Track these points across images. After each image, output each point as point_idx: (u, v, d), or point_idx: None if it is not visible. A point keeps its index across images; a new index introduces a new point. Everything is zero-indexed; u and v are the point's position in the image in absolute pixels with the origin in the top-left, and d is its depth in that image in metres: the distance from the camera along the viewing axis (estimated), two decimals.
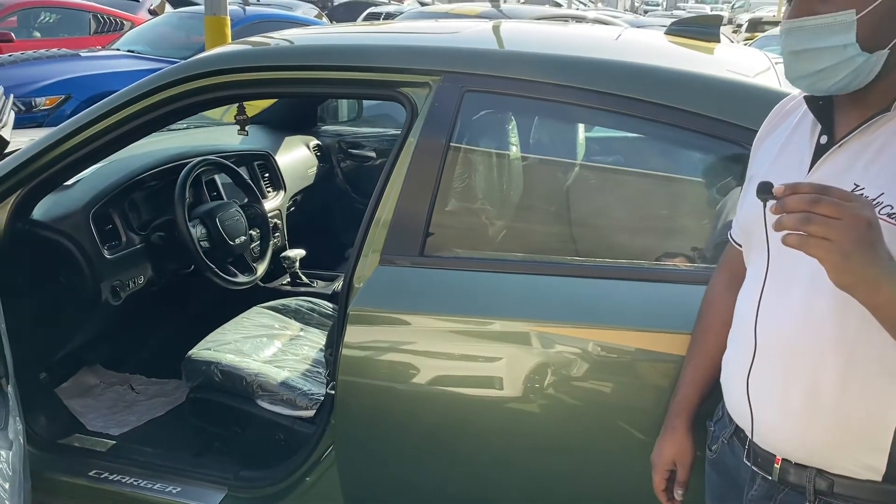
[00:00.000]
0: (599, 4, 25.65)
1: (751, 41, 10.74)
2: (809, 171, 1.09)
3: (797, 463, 1.11)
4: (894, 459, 1.04)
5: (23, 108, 5.88)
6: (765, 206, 0.93)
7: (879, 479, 1.05)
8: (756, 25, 16.11)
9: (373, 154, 3.65)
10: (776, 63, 1.91)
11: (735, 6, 34.93)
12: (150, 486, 2.02)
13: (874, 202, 0.98)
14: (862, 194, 1.00)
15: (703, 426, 1.36)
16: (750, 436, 1.15)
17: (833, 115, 1.10)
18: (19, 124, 5.15)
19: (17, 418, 1.75)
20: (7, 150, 2.10)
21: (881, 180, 1.00)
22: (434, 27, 2.39)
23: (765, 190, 0.92)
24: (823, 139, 1.09)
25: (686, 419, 1.38)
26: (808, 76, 1.06)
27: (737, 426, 1.21)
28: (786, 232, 0.89)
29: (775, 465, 1.13)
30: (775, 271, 1.10)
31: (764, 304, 1.11)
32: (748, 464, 1.18)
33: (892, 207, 0.98)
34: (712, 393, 1.34)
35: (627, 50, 2.04)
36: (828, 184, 1.01)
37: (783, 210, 0.89)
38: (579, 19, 9.49)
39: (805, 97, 1.13)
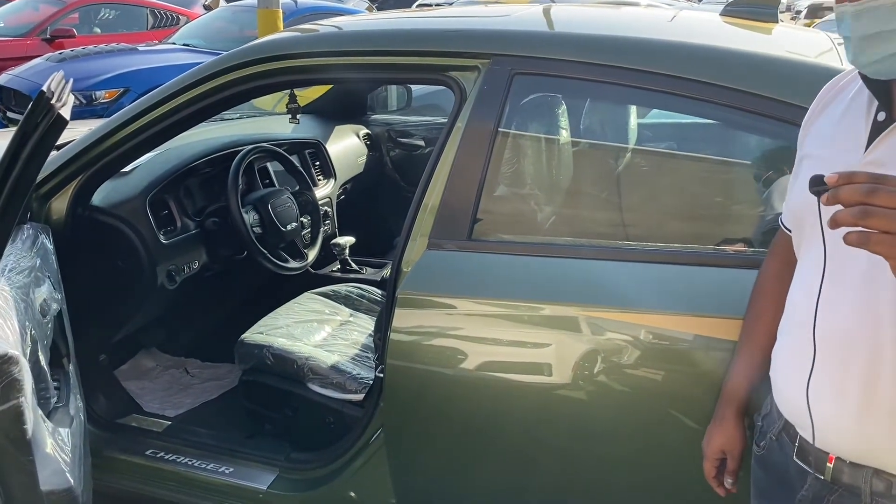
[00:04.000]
0: None
1: (810, 27, 10.43)
2: (866, 149, 1.02)
3: (852, 462, 1.05)
4: None
5: (84, 101, 6.05)
6: (819, 200, 0.86)
7: None
8: (816, 11, 15.62)
9: (422, 143, 3.66)
10: (839, 44, 1.85)
11: None
12: (203, 465, 2.07)
13: None
14: None
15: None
16: (812, 439, 1.09)
17: (892, 90, 1.03)
18: (80, 116, 5.31)
19: (78, 396, 1.81)
20: (65, 140, 2.17)
21: None
22: (484, 11, 2.37)
23: (817, 182, 0.85)
24: (881, 116, 1.02)
25: (736, 408, 1.34)
26: (880, 61, 0.98)
27: (786, 422, 1.16)
28: (844, 229, 0.82)
29: (828, 464, 1.07)
30: (832, 267, 1.04)
31: (823, 302, 1.05)
32: (798, 462, 1.12)
33: None
34: (763, 382, 1.30)
35: (681, 30, 1.99)
36: (886, 163, 0.96)
37: (837, 201, 0.82)
38: (633, 4, 9.32)
39: (861, 73, 1.08)
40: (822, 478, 1.08)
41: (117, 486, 2.13)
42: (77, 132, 2.31)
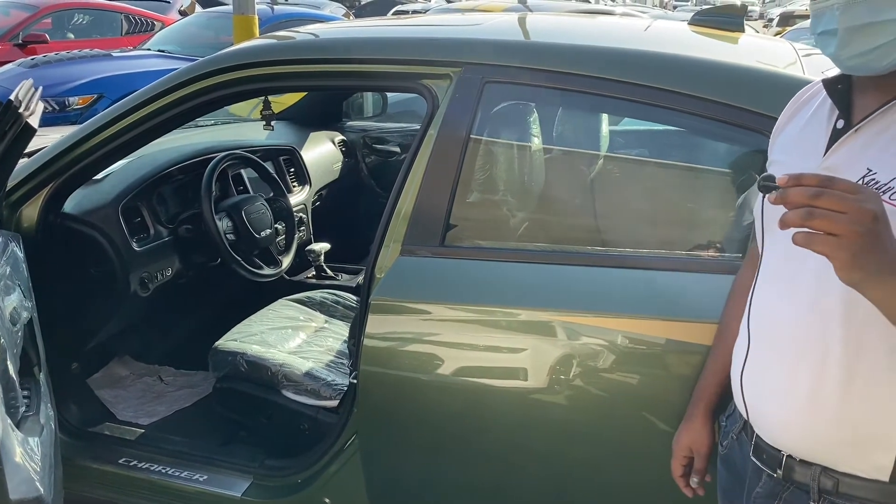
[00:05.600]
0: (627, 0, 25.43)
1: (781, 35, 10.59)
2: (824, 155, 1.06)
3: (802, 460, 1.08)
4: None
5: (56, 107, 6.00)
6: (763, 199, 0.89)
7: (886, 479, 1.02)
8: (787, 20, 15.86)
9: (397, 149, 3.67)
10: (804, 56, 1.88)
11: (766, 0, 34.47)
12: (177, 473, 2.06)
13: (885, 187, 0.96)
14: (874, 179, 0.97)
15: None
16: (754, 429, 1.12)
17: (852, 99, 1.07)
18: (52, 123, 5.24)
19: (49, 405, 1.79)
20: (37, 147, 2.15)
21: (894, 163, 0.97)
22: (457, 20, 2.40)
23: (767, 181, 0.88)
24: (840, 124, 1.06)
25: (705, 408, 1.37)
26: (865, 54, 1.00)
27: (745, 421, 1.19)
28: (793, 230, 0.85)
29: (780, 461, 1.10)
30: (774, 263, 1.07)
31: (756, 295, 1.09)
32: (754, 460, 1.16)
33: None
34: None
35: (652, 40, 2.03)
36: (841, 168, 0.99)
37: (784, 202, 0.85)
38: (607, 14, 9.41)
39: (824, 81, 1.11)
40: (775, 476, 1.11)
41: (90, 494, 2.12)
42: (49, 139, 2.30)
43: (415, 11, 11.97)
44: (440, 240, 1.70)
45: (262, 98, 2.90)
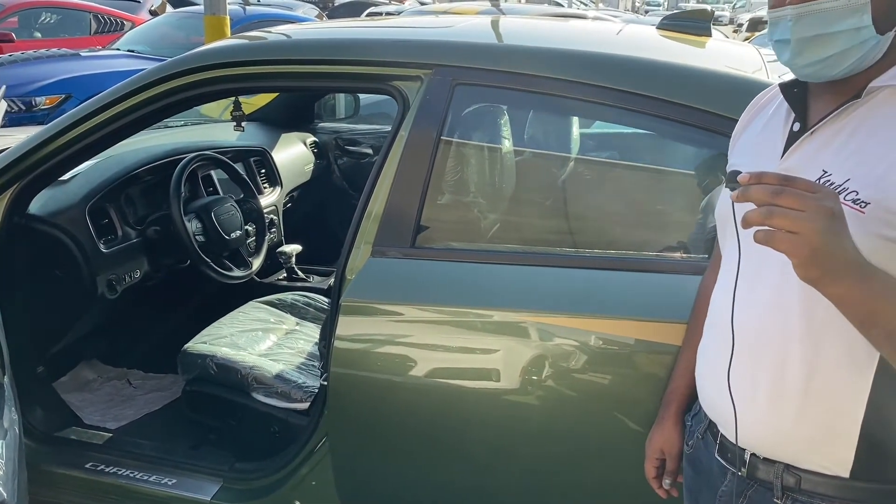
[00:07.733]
0: (600, 4, 25.66)
1: (750, 40, 10.76)
2: (782, 158, 1.08)
3: (766, 458, 1.09)
4: (862, 455, 1.02)
5: (23, 107, 5.90)
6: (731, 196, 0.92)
7: (847, 475, 1.03)
8: (756, 25, 16.13)
9: (369, 151, 3.67)
10: (770, 61, 1.92)
11: (736, 6, 34.99)
12: (146, 477, 2.03)
13: (840, 188, 0.98)
14: (829, 180, 0.99)
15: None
16: (734, 432, 1.12)
17: (807, 102, 1.10)
18: (19, 123, 5.14)
19: (13, 408, 1.76)
20: (1, 147, 2.12)
21: (848, 166, 1.00)
22: (428, 22, 2.40)
23: (732, 178, 0.90)
24: (796, 126, 1.09)
25: (675, 410, 1.37)
26: (816, 63, 1.03)
27: (710, 421, 1.20)
28: (755, 228, 0.87)
29: (744, 460, 1.11)
30: (747, 262, 1.08)
31: (739, 296, 1.10)
32: (719, 459, 1.17)
33: (858, 193, 0.96)
34: None
35: (621, 44, 2.05)
36: (798, 170, 1.01)
37: (746, 199, 0.87)
38: (579, 18, 9.46)
39: (780, 85, 1.13)
40: (740, 474, 1.13)
41: (56, 500, 2.09)
42: (15, 139, 2.26)
43: (388, 14, 11.95)
44: (411, 241, 1.70)
45: (233, 99, 2.89)
